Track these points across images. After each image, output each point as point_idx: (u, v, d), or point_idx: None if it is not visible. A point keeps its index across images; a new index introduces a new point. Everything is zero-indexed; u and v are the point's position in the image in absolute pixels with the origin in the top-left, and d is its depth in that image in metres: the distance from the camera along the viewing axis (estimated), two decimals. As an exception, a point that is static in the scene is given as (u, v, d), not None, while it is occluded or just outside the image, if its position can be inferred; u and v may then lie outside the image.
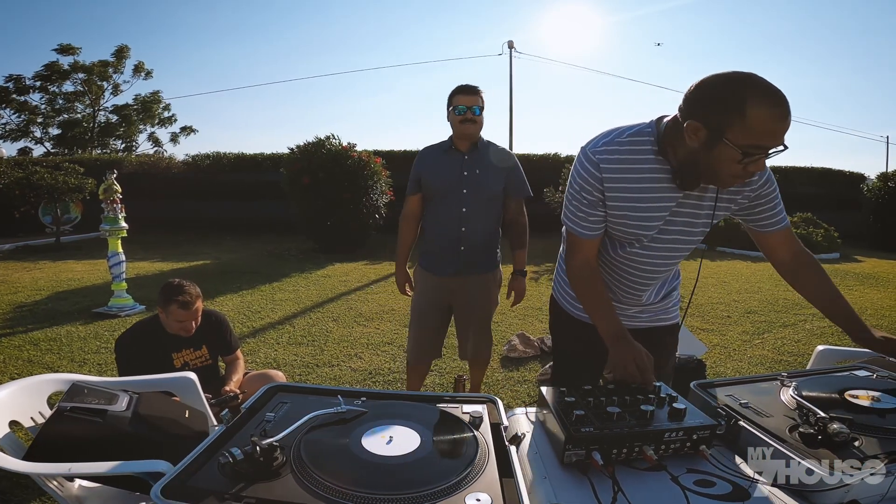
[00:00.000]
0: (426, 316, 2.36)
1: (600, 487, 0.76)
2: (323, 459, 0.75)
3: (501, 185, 2.27)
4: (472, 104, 2.18)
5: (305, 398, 1.01)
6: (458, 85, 2.23)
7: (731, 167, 0.99)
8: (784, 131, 0.95)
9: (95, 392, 1.25)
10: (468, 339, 2.39)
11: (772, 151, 0.97)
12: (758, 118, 0.93)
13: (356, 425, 0.86)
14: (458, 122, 2.18)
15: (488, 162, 2.24)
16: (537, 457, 0.88)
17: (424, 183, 2.28)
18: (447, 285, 2.31)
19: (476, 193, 2.22)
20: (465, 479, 0.71)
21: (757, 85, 0.94)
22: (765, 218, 1.21)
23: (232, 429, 0.89)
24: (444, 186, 2.24)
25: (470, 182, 2.22)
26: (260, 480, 0.72)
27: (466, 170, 2.22)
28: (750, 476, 0.81)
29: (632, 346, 1.09)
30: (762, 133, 0.94)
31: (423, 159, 2.30)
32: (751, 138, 0.94)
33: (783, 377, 1.10)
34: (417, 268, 2.40)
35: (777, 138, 0.95)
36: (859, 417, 0.90)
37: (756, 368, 3.41)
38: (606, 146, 1.13)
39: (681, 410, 0.87)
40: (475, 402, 0.99)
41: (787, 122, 0.95)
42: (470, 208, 2.22)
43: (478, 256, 2.28)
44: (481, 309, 2.35)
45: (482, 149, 2.26)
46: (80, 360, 3.31)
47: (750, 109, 0.93)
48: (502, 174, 2.26)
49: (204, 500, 0.67)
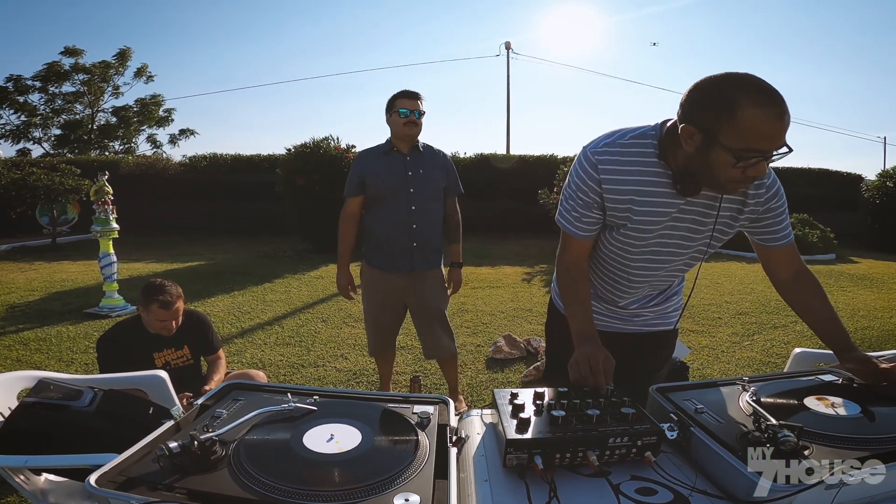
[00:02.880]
0: (381, 312, 2.45)
1: (539, 492, 0.76)
2: (260, 454, 0.77)
3: (443, 184, 2.42)
4: (414, 108, 2.31)
5: (260, 396, 1.02)
6: (401, 90, 2.36)
7: (728, 172, 0.96)
8: (779, 133, 0.92)
9: (61, 388, 1.27)
10: (429, 337, 2.45)
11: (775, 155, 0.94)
12: (748, 120, 0.90)
13: (302, 423, 0.87)
14: (402, 125, 2.30)
15: (430, 162, 2.38)
16: (482, 459, 0.88)
17: (369, 184, 2.35)
18: (398, 282, 2.39)
19: (422, 192, 2.34)
20: (397, 478, 0.72)
21: (748, 85, 0.92)
22: (769, 232, 1.18)
23: (181, 423, 0.90)
24: (391, 187, 2.33)
25: (415, 181, 2.33)
26: (196, 473, 0.73)
27: (411, 170, 2.33)
28: (691, 484, 0.79)
29: (591, 348, 1.08)
30: (754, 135, 0.91)
31: (365, 161, 2.39)
32: (743, 141, 0.92)
33: (744, 381, 1.08)
34: (365, 266, 2.46)
35: (773, 140, 0.92)
36: (813, 424, 0.88)
37: (743, 370, 3.41)
38: (607, 147, 1.11)
39: (626, 415, 0.86)
40: (427, 402, 1.00)
41: (781, 123, 0.91)
42: (418, 206, 2.33)
43: (429, 252, 2.40)
44: (436, 305, 2.44)
45: (423, 150, 2.39)
46: (67, 360, 3.32)
47: (740, 111, 0.90)
48: (442, 173, 2.41)
49: (135, 488, 0.69)
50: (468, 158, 10.29)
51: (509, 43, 15.88)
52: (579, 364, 1.05)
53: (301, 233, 7.94)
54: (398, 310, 2.47)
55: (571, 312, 1.20)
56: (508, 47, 15.84)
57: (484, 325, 4.17)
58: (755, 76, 0.94)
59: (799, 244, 5.79)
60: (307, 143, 7.51)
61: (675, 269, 1.25)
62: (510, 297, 5.18)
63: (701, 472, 0.85)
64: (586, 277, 1.24)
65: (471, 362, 3.38)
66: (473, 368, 3.28)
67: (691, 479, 0.81)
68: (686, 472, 0.84)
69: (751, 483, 0.75)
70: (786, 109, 0.91)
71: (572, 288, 1.22)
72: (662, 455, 0.87)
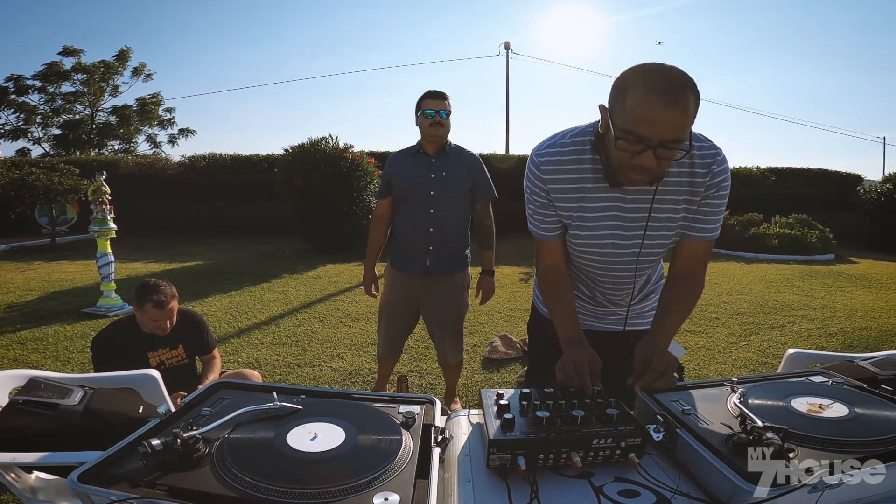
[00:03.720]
0: (395, 313, 2.43)
1: (522, 493, 0.75)
2: (242, 452, 0.77)
3: (468, 186, 2.34)
4: (439, 108, 2.27)
5: (247, 395, 1.02)
6: (427, 90, 2.32)
7: (618, 155, 0.98)
8: (662, 121, 0.90)
9: (51, 387, 1.27)
10: (444, 343, 2.44)
11: (664, 148, 0.92)
12: (633, 102, 0.92)
13: (286, 421, 0.87)
14: (427, 126, 2.27)
15: (455, 164, 2.32)
16: (467, 459, 0.88)
17: (395, 186, 2.34)
18: (414, 285, 2.37)
19: (443, 195, 2.29)
20: (378, 477, 0.72)
21: (651, 72, 0.92)
22: (693, 221, 1.15)
23: (166, 421, 0.90)
24: (412, 188, 2.30)
25: (437, 184, 2.28)
26: (178, 470, 0.73)
27: (433, 172, 2.29)
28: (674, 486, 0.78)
29: (578, 350, 1.08)
30: (635, 118, 0.92)
31: (393, 164, 2.37)
32: (626, 122, 0.93)
33: (732, 383, 1.07)
34: (388, 266, 2.46)
35: (654, 127, 0.91)
36: (800, 426, 0.87)
37: (740, 371, 3.41)
38: (549, 149, 1.14)
39: (611, 416, 0.85)
40: (413, 402, 1.00)
41: (666, 111, 0.89)
42: (437, 209, 2.29)
43: (446, 257, 2.34)
44: (450, 311, 2.39)
45: (449, 151, 2.33)
46: (64, 359, 3.33)
47: (630, 92, 0.92)
48: (468, 176, 2.33)
49: (117, 485, 0.70)
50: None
51: (509, 43, 15.89)
52: (565, 365, 1.05)
53: (300, 233, 7.94)
54: (410, 312, 2.43)
55: (555, 316, 1.21)
56: (508, 47, 15.85)
57: (481, 325, 4.18)
58: (669, 67, 0.94)
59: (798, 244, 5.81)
60: (305, 143, 7.52)
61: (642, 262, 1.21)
62: (508, 296, 5.18)
63: (686, 474, 0.84)
64: (565, 280, 1.24)
65: (466, 362, 3.37)
66: (469, 369, 3.28)
67: (675, 482, 0.80)
68: (670, 474, 0.83)
69: (733, 485, 0.74)
70: (676, 101, 0.89)
71: (552, 292, 1.23)
72: (648, 457, 0.87)
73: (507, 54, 15.87)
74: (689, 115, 0.92)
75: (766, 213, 9.47)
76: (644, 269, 1.24)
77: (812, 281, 6.41)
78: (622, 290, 1.29)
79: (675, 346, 3.26)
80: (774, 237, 8.66)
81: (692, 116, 0.93)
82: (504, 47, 15.88)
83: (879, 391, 1.06)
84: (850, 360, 1.40)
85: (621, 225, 1.14)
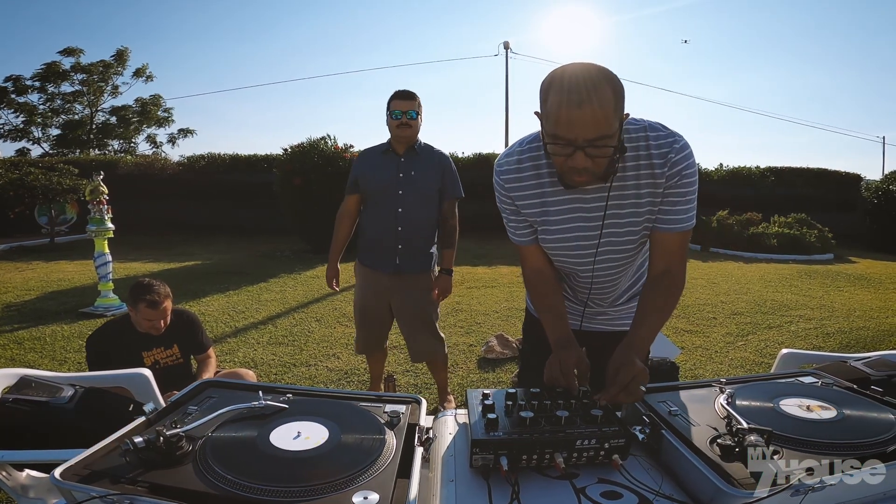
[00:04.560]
0: (369, 310, 2.45)
1: (503, 493, 0.75)
2: (225, 450, 0.77)
3: (437, 186, 2.34)
4: (407, 109, 2.25)
5: (233, 394, 1.02)
6: (396, 90, 2.30)
7: (554, 159, 0.99)
8: (577, 122, 0.90)
9: (41, 385, 1.27)
10: (414, 340, 2.44)
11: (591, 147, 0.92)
12: (551, 106, 0.93)
13: (271, 420, 0.88)
14: (395, 127, 2.27)
15: (424, 164, 2.32)
16: (451, 459, 0.88)
17: (362, 184, 2.35)
18: (385, 282, 2.38)
19: (411, 194, 2.29)
20: (359, 476, 0.72)
21: (560, 73, 0.93)
22: (661, 213, 1.10)
23: (152, 420, 0.90)
24: (380, 187, 2.31)
25: (405, 183, 2.29)
26: (161, 468, 0.73)
27: (402, 171, 2.30)
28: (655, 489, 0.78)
29: (565, 351, 1.08)
30: (555, 122, 0.93)
31: (362, 161, 2.38)
32: (549, 126, 0.94)
33: (721, 384, 1.05)
34: (357, 263, 2.47)
35: (571, 128, 0.91)
36: (786, 428, 0.86)
37: (736, 371, 3.41)
38: (507, 158, 1.15)
39: (595, 417, 0.85)
40: (400, 402, 1.00)
41: (578, 111, 0.89)
42: (406, 208, 2.30)
43: (414, 255, 2.35)
44: (420, 309, 2.39)
45: (419, 151, 2.34)
46: (61, 359, 3.33)
47: (549, 97, 0.93)
48: (437, 176, 2.33)
49: (98, 481, 0.70)
50: (467, 158, 10.31)
51: (508, 42, 15.87)
52: (551, 366, 1.05)
53: (298, 233, 7.95)
54: (384, 309, 2.45)
55: (543, 318, 1.21)
56: (507, 47, 15.83)
57: (477, 325, 4.18)
58: (582, 65, 0.94)
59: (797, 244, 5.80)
60: (303, 143, 7.52)
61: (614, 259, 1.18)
62: (505, 296, 5.18)
63: (671, 475, 0.83)
64: (551, 283, 1.23)
65: (462, 362, 3.38)
66: (465, 368, 3.28)
67: (658, 483, 0.80)
68: (654, 476, 0.83)
69: (715, 488, 0.73)
70: (589, 98, 0.89)
71: (539, 296, 1.23)
72: (633, 458, 0.86)
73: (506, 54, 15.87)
74: (606, 110, 0.90)
75: (765, 213, 9.48)
76: (618, 268, 1.21)
77: (810, 281, 6.41)
78: (603, 289, 1.28)
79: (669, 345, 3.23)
80: (773, 237, 8.65)
81: (611, 110, 0.91)
82: (503, 47, 15.88)
83: (870, 392, 1.05)
84: (843, 361, 1.39)
85: (584, 225, 1.13)
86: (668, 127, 1.08)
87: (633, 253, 1.18)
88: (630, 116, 1.05)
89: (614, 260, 1.19)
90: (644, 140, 1.06)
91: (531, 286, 1.26)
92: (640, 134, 1.06)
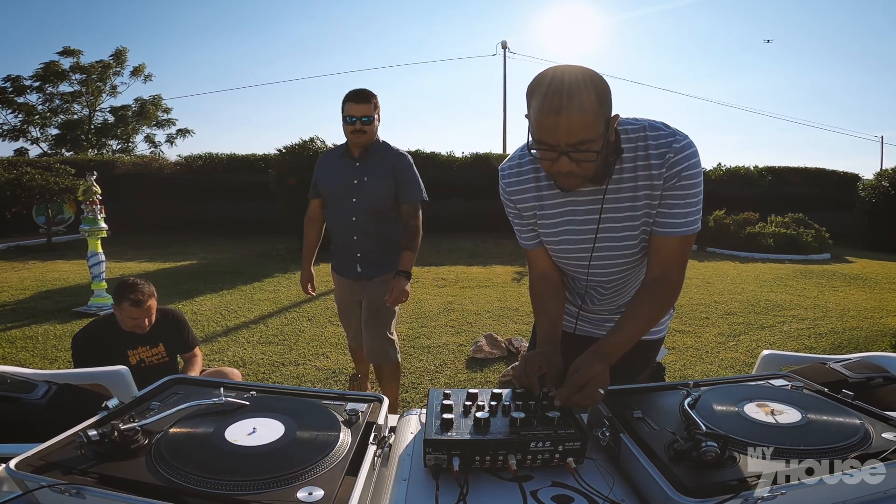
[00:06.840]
0: (344, 311, 2.49)
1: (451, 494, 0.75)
2: (178, 444, 0.78)
3: (391, 192, 2.20)
4: (361, 114, 2.12)
5: (198, 390, 1.03)
6: (350, 91, 2.15)
7: (542, 163, 1.00)
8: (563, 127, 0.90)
9: (16, 382, 1.28)
10: (367, 338, 2.35)
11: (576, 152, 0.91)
12: (533, 112, 0.93)
13: (230, 416, 0.88)
14: (349, 133, 2.16)
15: (379, 169, 2.19)
16: (408, 458, 0.88)
17: (320, 189, 2.30)
18: (352, 285, 2.36)
19: (364, 203, 2.20)
20: (307, 472, 0.73)
21: (541, 77, 0.93)
22: (658, 216, 1.07)
23: (114, 414, 0.91)
24: (335, 193, 2.26)
25: (358, 191, 2.20)
26: (115, 460, 0.74)
27: (356, 178, 2.20)
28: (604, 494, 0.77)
29: (536, 352, 1.07)
30: (538, 128, 0.93)
31: (321, 165, 2.33)
32: (534, 132, 0.95)
33: (688, 386, 1.02)
34: (331, 267, 2.45)
35: (552, 134, 0.91)
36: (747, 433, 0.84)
37: (725, 371, 3.41)
38: (508, 163, 1.17)
39: (552, 420, 0.84)
40: (361, 400, 1.00)
41: (557, 116, 0.89)
42: (359, 217, 2.21)
43: (376, 261, 2.27)
44: (375, 308, 2.28)
45: (375, 153, 2.21)
46: (52, 357, 3.35)
47: (531, 102, 0.94)
48: (391, 181, 2.19)
49: (50, 472, 0.71)
50: (464, 158, 10.29)
51: (506, 42, 15.90)
52: (518, 365, 1.05)
53: (294, 232, 7.96)
54: (358, 308, 2.43)
55: (537, 321, 1.23)
56: (505, 46, 15.86)
57: (468, 325, 4.18)
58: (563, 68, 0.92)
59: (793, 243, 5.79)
60: (296, 144, 7.56)
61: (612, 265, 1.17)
62: (498, 296, 5.18)
63: (628, 479, 0.82)
64: (552, 289, 1.23)
65: (451, 361, 3.39)
66: (453, 368, 3.29)
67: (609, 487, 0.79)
68: (608, 480, 0.82)
69: (665, 495, 0.72)
70: (569, 103, 0.88)
71: (538, 300, 1.24)
72: (590, 462, 0.85)
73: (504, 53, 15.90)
74: (587, 115, 0.89)
75: (762, 213, 9.47)
76: (618, 272, 1.19)
77: (806, 280, 6.40)
78: (602, 294, 1.27)
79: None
80: (770, 236, 8.64)
81: (593, 114, 0.90)
82: (501, 46, 15.90)
83: (840, 396, 1.02)
84: (822, 363, 1.39)
85: (576, 228, 1.13)
86: (670, 126, 1.04)
87: (634, 258, 1.15)
88: (630, 117, 1.05)
89: (613, 264, 1.17)
90: (643, 140, 1.04)
91: (533, 289, 1.26)
92: (639, 134, 1.04)
